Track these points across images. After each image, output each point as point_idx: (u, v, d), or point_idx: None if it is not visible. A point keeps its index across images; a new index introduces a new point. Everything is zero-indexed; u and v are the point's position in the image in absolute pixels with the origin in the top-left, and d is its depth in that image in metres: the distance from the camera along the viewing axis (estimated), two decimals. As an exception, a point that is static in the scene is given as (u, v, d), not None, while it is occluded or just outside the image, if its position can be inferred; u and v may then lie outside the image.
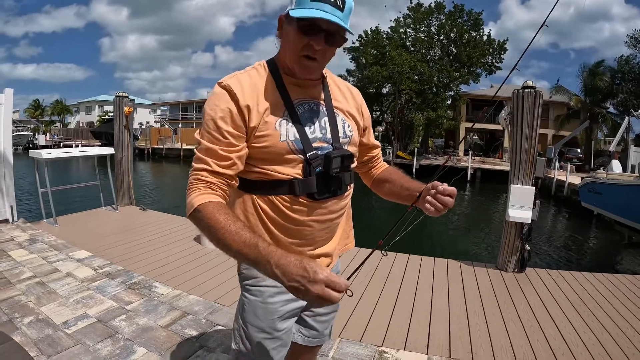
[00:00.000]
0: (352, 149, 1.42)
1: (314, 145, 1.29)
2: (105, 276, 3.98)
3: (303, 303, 1.44)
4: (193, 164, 1.24)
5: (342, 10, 1.18)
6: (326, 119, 1.36)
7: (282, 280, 1.01)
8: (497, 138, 37.61)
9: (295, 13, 1.15)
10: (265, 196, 1.30)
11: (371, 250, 1.29)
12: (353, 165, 1.41)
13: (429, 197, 1.31)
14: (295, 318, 1.49)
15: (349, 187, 1.42)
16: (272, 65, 1.33)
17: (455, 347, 2.95)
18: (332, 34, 1.20)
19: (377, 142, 1.68)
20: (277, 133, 1.24)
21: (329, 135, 1.34)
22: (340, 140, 1.37)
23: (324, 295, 0.96)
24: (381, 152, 1.71)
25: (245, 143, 1.25)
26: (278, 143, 1.24)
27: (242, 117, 1.22)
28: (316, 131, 1.32)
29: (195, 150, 1.26)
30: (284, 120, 1.26)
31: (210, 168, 1.20)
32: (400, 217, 1.34)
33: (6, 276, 3.86)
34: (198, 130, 1.27)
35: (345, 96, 1.47)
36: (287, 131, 1.26)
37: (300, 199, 1.29)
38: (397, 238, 1.30)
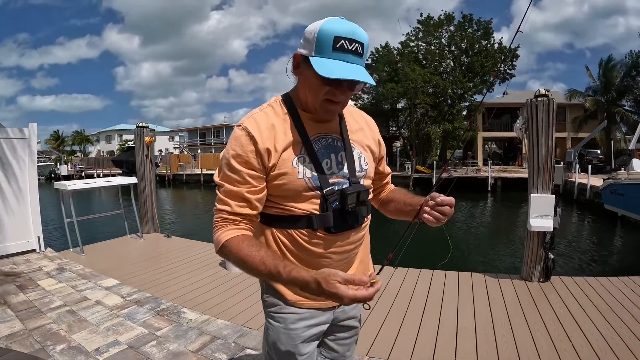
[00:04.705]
0: (367, 182, 1.45)
1: (330, 180, 1.32)
2: (134, 303, 4.05)
3: (324, 328, 1.49)
4: (216, 203, 1.30)
5: (362, 55, 1.21)
6: (343, 153, 1.38)
7: (311, 292, 1.10)
8: (516, 146, 37.22)
9: (319, 69, 1.16)
10: (285, 230, 1.34)
11: (381, 266, 1.33)
12: (369, 198, 1.44)
13: (427, 208, 1.36)
14: (317, 342, 1.52)
15: (365, 219, 1.45)
16: (288, 100, 1.36)
17: (482, 361, 2.94)
18: (354, 81, 1.22)
19: (389, 169, 1.72)
20: (294, 171, 1.28)
21: (345, 170, 1.36)
22: (357, 174, 1.39)
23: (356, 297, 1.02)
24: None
25: (265, 183, 1.29)
26: (296, 180, 1.28)
27: (260, 159, 1.26)
28: (333, 166, 1.34)
29: (217, 191, 1.31)
30: (301, 157, 1.29)
31: (231, 210, 1.26)
32: (405, 230, 1.39)
33: (37, 305, 3.96)
34: (217, 171, 1.32)
35: (362, 127, 1.50)
36: (304, 168, 1.29)
37: (318, 233, 1.32)
38: (402, 251, 1.35)
